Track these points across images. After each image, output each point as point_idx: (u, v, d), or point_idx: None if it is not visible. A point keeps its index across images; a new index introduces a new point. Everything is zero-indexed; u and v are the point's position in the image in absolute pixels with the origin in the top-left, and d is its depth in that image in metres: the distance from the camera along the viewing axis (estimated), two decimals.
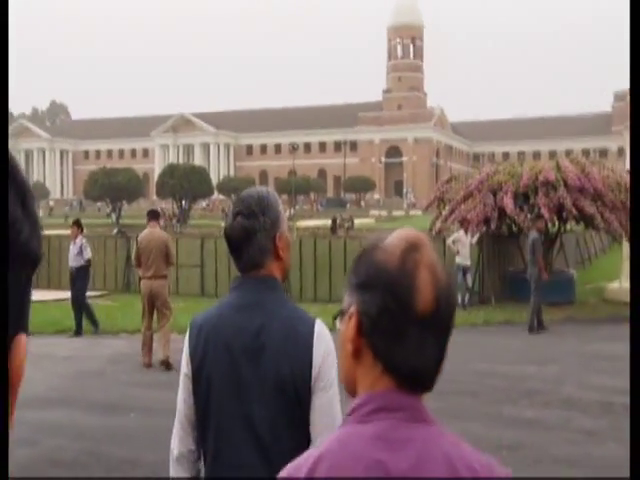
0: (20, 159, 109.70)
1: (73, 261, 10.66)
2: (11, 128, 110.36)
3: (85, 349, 9.49)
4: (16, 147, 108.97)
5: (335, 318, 0.97)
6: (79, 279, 10.67)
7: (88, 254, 10.69)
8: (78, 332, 10.59)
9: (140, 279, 8.32)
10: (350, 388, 0.96)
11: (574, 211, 12.11)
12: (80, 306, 10.61)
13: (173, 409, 5.77)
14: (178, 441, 1.78)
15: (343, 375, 0.97)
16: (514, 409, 6.23)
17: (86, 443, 5.31)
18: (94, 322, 10.77)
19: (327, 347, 1.69)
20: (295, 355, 1.67)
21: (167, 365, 7.85)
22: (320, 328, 1.73)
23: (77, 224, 10.91)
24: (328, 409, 1.68)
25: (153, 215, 8.46)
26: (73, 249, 10.70)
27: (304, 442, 1.66)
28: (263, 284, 1.74)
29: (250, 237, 1.74)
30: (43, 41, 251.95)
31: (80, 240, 10.66)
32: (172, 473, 1.81)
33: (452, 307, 0.92)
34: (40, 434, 5.47)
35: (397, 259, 0.91)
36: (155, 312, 8.15)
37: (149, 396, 6.68)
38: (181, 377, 1.75)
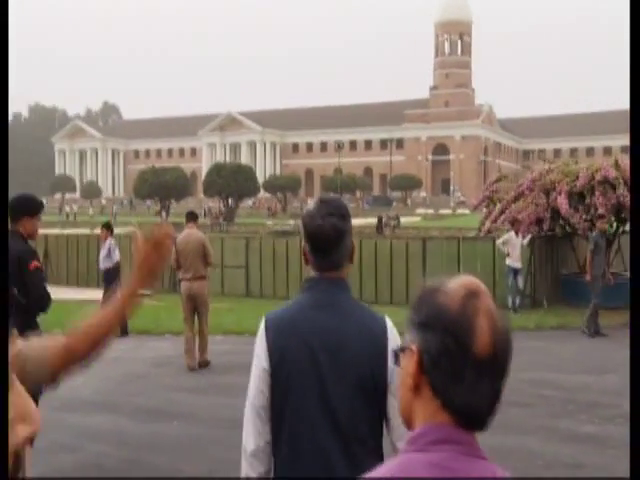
0: (75, 159, 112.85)
1: (102, 263, 10.79)
2: (66, 128, 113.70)
3: (131, 351, 9.52)
4: (71, 147, 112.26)
5: (397, 353, 1.05)
6: (108, 281, 10.71)
7: (117, 256, 10.76)
8: (124, 332, 10.62)
9: (180, 281, 8.33)
10: (407, 419, 1.03)
11: None
12: None
13: (215, 416, 5.57)
14: (255, 434, 1.79)
15: (402, 406, 1.03)
16: (572, 423, 5.87)
17: (128, 451, 5.24)
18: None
19: (398, 342, 1.77)
20: (373, 355, 1.75)
21: (205, 365, 8.08)
22: (391, 326, 1.83)
23: (107, 226, 10.98)
24: None
25: (191, 217, 8.47)
26: (103, 251, 10.77)
27: (380, 435, 1.79)
28: (337, 285, 1.81)
29: (340, 238, 1.80)
30: (89, 40, 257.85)
31: (109, 242, 10.72)
32: (247, 469, 1.81)
33: (508, 352, 0.98)
34: (83, 439, 5.43)
35: (458, 303, 0.97)
36: (196, 313, 8.22)
37: (192, 402, 6.60)
38: (257, 372, 1.79)
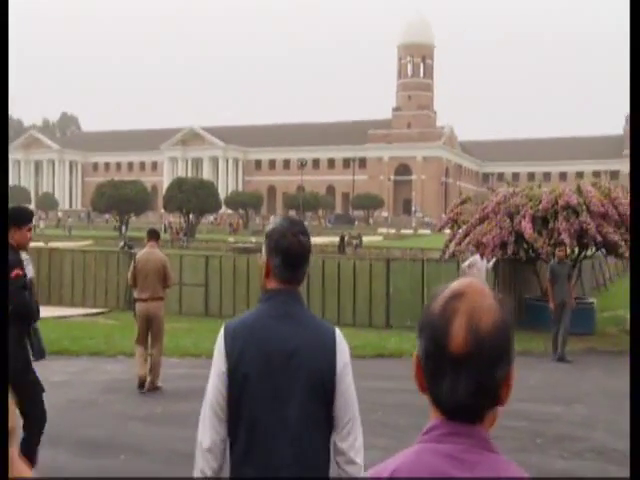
0: (30, 170, 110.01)
1: None
2: (22, 139, 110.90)
3: (80, 373, 8.98)
4: (26, 158, 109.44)
5: None
6: None
7: (30, 272, 9.92)
8: (41, 355, 9.95)
9: (135, 300, 7.93)
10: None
11: (599, 238, 11.54)
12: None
13: (167, 449, 5.09)
14: (211, 431, 1.91)
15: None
16: (542, 458, 5.65)
17: None
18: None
19: (346, 353, 1.98)
20: (323, 362, 1.91)
21: (155, 389, 7.72)
22: (339, 336, 2.00)
23: None
24: (350, 400, 1.95)
25: (152, 235, 8.10)
26: None
27: (328, 432, 1.94)
28: (293, 297, 1.99)
29: (308, 255, 2.01)
30: (48, 44, 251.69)
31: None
32: (201, 464, 1.92)
33: (488, 348, 1.01)
34: None
35: (439, 307, 1.04)
36: (149, 335, 7.88)
37: (142, 433, 6.15)
38: (216, 373, 1.93)
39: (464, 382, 0.99)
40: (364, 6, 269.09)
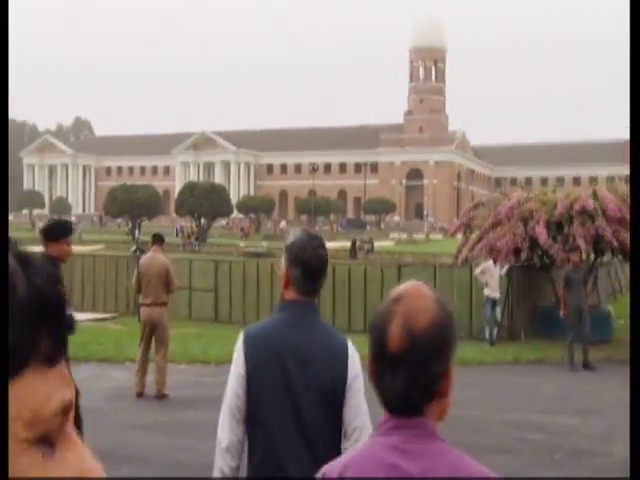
0: (44, 174, 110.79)
1: None
2: (36, 143, 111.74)
3: (86, 380, 8.83)
4: (40, 162, 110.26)
5: None
6: None
7: None
8: None
9: (140, 305, 7.83)
10: None
11: (615, 243, 11.28)
12: None
13: (173, 460, 4.91)
14: (229, 431, 2.04)
15: None
16: (560, 474, 5.45)
17: None
18: None
19: (357, 364, 2.06)
20: (334, 369, 2.02)
21: (162, 397, 7.62)
22: (351, 348, 2.09)
23: None
24: (358, 409, 2.03)
25: (157, 239, 7.98)
26: None
27: (338, 432, 2.02)
28: (309, 308, 2.09)
29: (325, 268, 2.11)
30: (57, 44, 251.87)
31: None
32: (220, 463, 2.05)
33: (423, 346, 1.09)
34: None
35: (382, 310, 1.16)
36: (153, 340, 7.79)
37: (147, 442, 6.01)
38: (234, 376, 2.05)
39: (400, 378, 1.08)
40: (364, 6, 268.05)
